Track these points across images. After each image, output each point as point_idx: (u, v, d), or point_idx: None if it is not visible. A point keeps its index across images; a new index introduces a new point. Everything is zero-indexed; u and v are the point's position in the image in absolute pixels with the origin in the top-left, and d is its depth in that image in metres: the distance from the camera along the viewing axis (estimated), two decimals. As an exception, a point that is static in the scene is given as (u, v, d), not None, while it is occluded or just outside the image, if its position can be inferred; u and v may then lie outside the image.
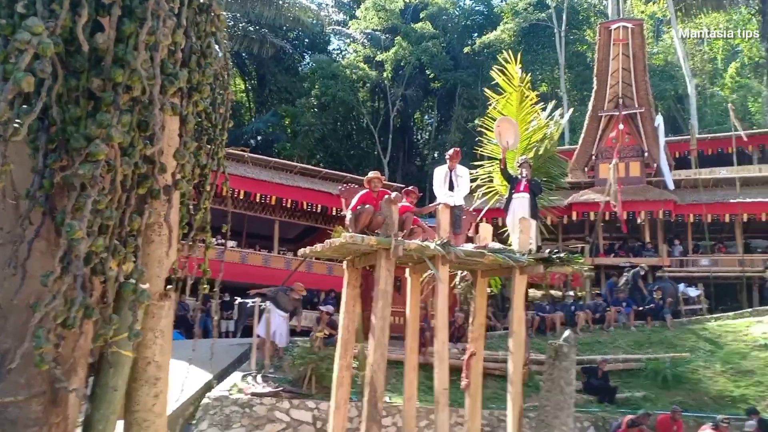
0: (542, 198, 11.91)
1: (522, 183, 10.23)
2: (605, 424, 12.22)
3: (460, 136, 35.93)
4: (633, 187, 22.11)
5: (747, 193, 20.92)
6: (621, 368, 14.36)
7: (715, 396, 13.33)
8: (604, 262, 21.24)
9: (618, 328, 16.62)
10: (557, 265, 9.70)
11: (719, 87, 39.59)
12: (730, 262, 20.63)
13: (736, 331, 15.72)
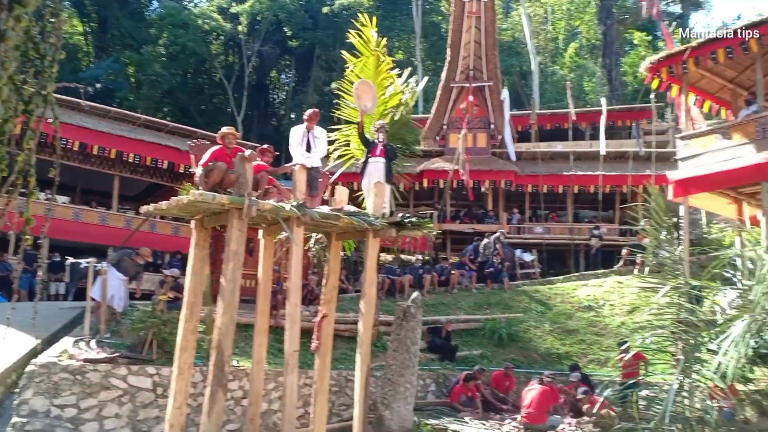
0: (396, 164, 12.02)
1: (378, 147, 10.25)
2: (445, 381, 12.82)
3: (318, 98, 35.54)
4: (479, 157, 23.18)
5: (579, 166, 22.71)
6: (462, 328, 15.14)
7: (543, 353, 14.49)
8: (451, 228, 22.17)
9: (461, 290, 17.51)
10: (409, 229, 9.89)
11: (559, 66, 42.36)
12: (561, 230, 22.42)
13: (564, 293, 17.14)
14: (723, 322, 9.59)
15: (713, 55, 12.29)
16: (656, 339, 10.61)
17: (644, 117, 26.94)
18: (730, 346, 8.84)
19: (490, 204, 23.25)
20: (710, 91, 14.74)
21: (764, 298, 9.12)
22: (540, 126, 27.28)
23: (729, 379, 8.89)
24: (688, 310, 10.20)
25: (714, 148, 12.56)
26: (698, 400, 9.38)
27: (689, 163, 13.01)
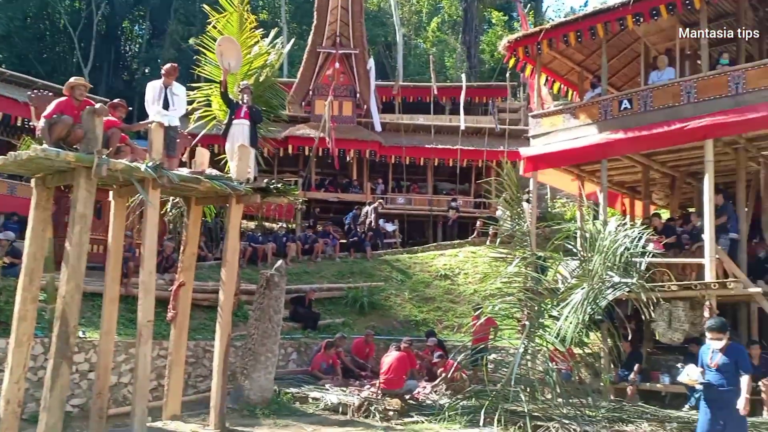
0: (261, 128, 11.66)
1: (243, 109, 9.91)
2: (307, 350, 12.84)
3: (175, 53, 33.52)
4: (345, 125, 23.11)
5: (439, 140, 23.40)
6: (325, 296, 15.20)
7: (402, 320, 14.96)
8: (315, 196, 22.03)
9: (325, 259, 17.53)
10: (274, 196, 9.68)
11: (422, 39, 43.13)
12: (421, 202, 23.02)
13: (423, 262, 17.71)
14: (564, 291, 10.39)
15: (565, 38, 12.94)
16: (505, 306, 11.33)
17: (500, 95, 28.22)
18: (570, 312, 9.60)
19: (354, 174, 23.35)
20: (560, 73, 15.59)
21: (602, 268, 9.96)
22: (403, 98, 27.72)
23: (568, 343, 9.70)
24: (534, 279, 10.99)
25: (561, 127, 13.30)
26: (540, 363, 10.15)
27: (539, 140, 13.70)
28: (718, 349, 6.23)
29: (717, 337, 6.23)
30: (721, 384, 6.17)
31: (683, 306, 10.42)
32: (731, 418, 6.11)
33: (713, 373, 6.23)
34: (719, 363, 6.19)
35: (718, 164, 11.52)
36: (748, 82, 10.77)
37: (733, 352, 6.24)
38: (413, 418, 9.54)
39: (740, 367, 6.14)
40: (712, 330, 6.27)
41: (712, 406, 6.24)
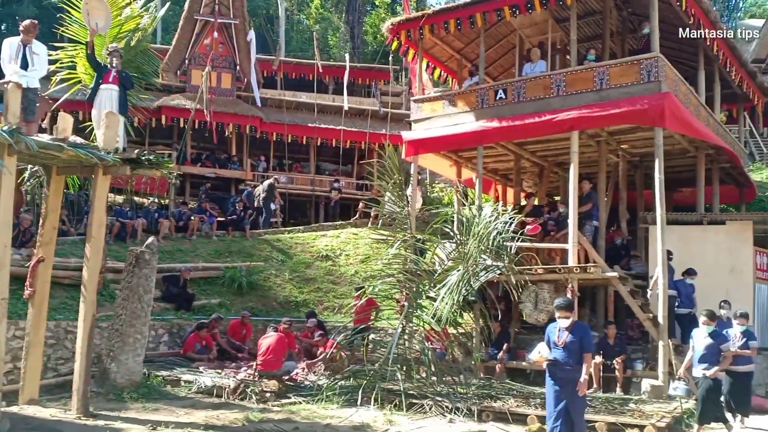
0: (131, 95, 10.98)
1: (111, 74, 9.32)
2: (180, 331, 12.36)
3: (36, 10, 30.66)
4: (224, 98, 22.31)
5: (322, 119, 23.18)
6: (200, 276, 14.65)
7: (282, 301, 14.75)
8: (191, 171, 21.12)
9: (200, 237, 16.86)
10: (146, 168, 9.13)
11: (305, 15, 42.40)
12: (304, 181, 22.75)
13: (304, 243, 17.52)
14: (441, 272, 10.73)
15: (446, 25, 13.16)
16: (385, 287, 11.53)
17: (382, 77, 28.41)
18: (446, 293, 9.94)
19: (233, 149, 22.61)
20: (441, 59, 15.93)
21: (476, 252, 10.37)
22: (285, 74, 27.19)
23: (443, 323, 10.04)
24: (413, 261, 11.26)
25: (441, 113, 13.60)
26: (417, 342, 10.45)
27: (421, 125, 13.93)
28: (565, 327, 6.42)
29: (565, 315, 6.42)
30: (566, 362, 6.35)
31: (548, 288, 11.08)
32: (575, 395, 6.31)
33: (559, 351, 6.42)
34: (566, 341, 6.37)
35: (582, 155, 12.23)
36: (611, 78, 11.41)
37: (578, 330, 6.45)
38: (291, 399, 9.48)
39: (583, 345, 6.36)
40: (561, 308, 6.46)
41: (558, 382, 6.41)
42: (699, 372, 8.01)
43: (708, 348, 7.94)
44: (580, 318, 11.53)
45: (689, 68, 14.05)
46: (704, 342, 7.98)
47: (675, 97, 11.17)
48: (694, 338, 8.21)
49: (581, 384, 6.24)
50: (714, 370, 7.82)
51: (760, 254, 12.01)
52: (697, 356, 8.02)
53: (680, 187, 14.91)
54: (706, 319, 8.05)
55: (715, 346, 7.94)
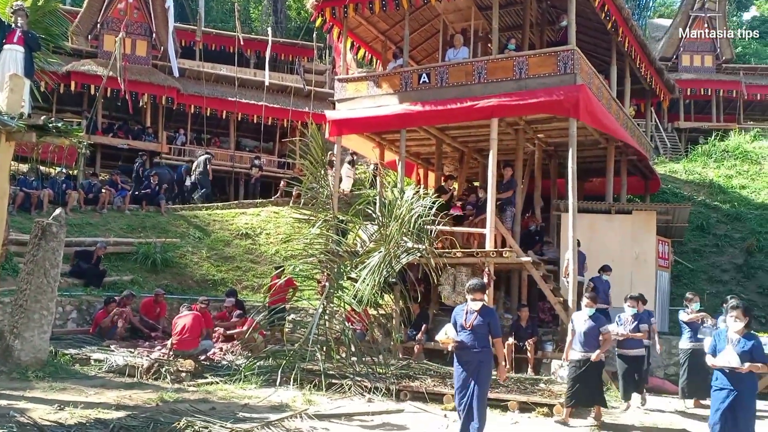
0: (38, 57, 10.34)
1: (16, 34, 8.86)
2: (90, 308, 11.90)
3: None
4: (138, 66, 21.40)
5: (243, 94, 22.61)
6: (112, 251, 14.10)
7: (199, 279, 14.42)
8: (102, 141, 20.15)
9: (112, 211, 16.17)
10: (53, 136, 8.64)
11: (227, -14, 41.05)
12: (223, 157, 22.15)
13: (223, 220, 17.15)
14: (363, 254, 10.82)
15: (370, 4, 13.03)
16: (306, 267, 11.50)
17: (306, 54, 28.01)
18: (368, 275, 10.04)
19: (148, 120, 21.71)
20: (366, 40, 15.87)
21: (398, 234, 10.51)
22: (205, 45, 26.26)
23: (364, 304, 10.15)
24: (335, 242, 11.28)
25: (365, 94, 13.54)
26: (338, 323, 10.53)
27: (344, 105, 13.82)
28: (475, 309, 6.30)
29: (479, 298, 6.30)
30: (473, 344, 6.25)
31: (466, 271, 11.39)
32: (479, 377, 6.23)
33: (466, 334, 6.28)
34: (474, 324, 6.25)
35: (500, 143, 12.55)
36: (530, 68, 11.71)
37: (487, 314, 6.34)
38: (208, 379, 9.33)
39: (492, 330, 6.30)
40: (475, 290, 6.32)
41: (464, 365, 6.32)
42: (578, 355, 7.82)
43: (588, 331, 7.79)
44: (496, 301, 11.97)
45: (603, 63, 14.68)
46: (585, 325, 7.84)
47: (589, 89, 11.64)
48: (574, 321, 8.06)
49: (501, 370, 6.28)
50: (597, 354, 7.67)
51: (662, 243, 12.82)
52: (578, 339, 7.88)
53: (591, 177, 15.64)
54: (589, 301, 7.95)
55: (596, 328, 7.79)
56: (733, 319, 5.95)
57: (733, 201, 17.32)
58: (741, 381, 5.83)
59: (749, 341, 5.86)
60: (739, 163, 19.48)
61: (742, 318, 5.91)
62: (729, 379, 5.86)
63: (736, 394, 5.82)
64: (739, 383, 5.83)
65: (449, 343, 6.36)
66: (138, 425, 6.45)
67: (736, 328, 5.93)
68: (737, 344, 5.86)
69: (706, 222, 16.28)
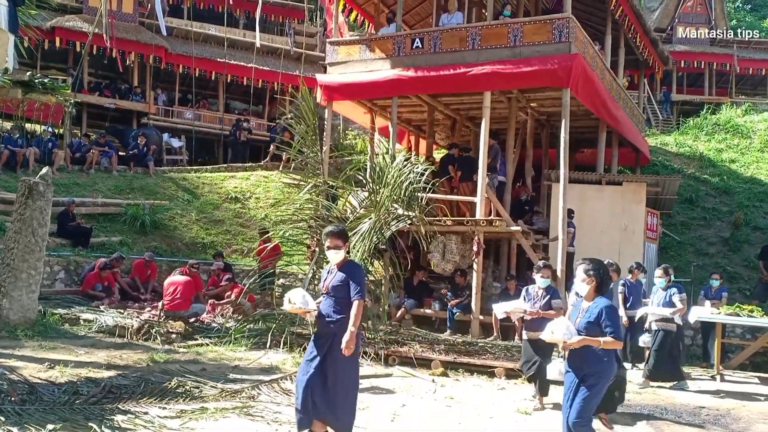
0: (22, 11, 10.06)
1: None
2: (78, 268, 11.85)
3: None
4: (125, 24, 20.92)
5: (232, 55, 22.24)
6: (100, 212, 13.99)
7: (188, 242, 14.37)
8: (89, 100, 19.81)
9: (99, 171, 15.99)
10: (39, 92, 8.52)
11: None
12: (211, 119, 21.87)
13: (212, 183, 17.02)
14: (353, 220, 10.78)
15: (360, -36, 12.85)
16: (295, 232, 11.45)
17: (296, 16, 27.47)
18: (358, 241, 10.03)
19: (135, 80, 21.34)
20: (358, 2, 15.55)
21: (388, 200, 10.47)
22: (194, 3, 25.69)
23: (354, 270, 10.15)
24: (325, 207, 11.22)
25: (357, 58, 13.34)
26: (327, 288, 10.52)
27: (336, 69, 13.61)
28: (335, 263, 4.91)
29: (335, 245, 4.84)
30: (327, 313, 4.82)
31: (456, 240, 11.45)
32: (336, 361, 4.71)
33: (326, 300, 4.88)
34: (331, 285, 4.84)
35: (493, 111, 12.48)
36: (524, 36, 11.57)
37: (347, 269, 4.86)
38: (198, 341, 9.39)
39: (352, 288, 4.75)
40: (332, 235, 4.86)
41: (316, 341, 4.86)
42: None
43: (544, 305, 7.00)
44: (485, 269, 12.01)
45: (597, 32, 14.56)
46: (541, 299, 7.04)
47: (583, 59, 11.58)
48: (528, 292, 7.24)
49: (349, 338, 4.61)
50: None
51: (651, 215, 12.93)
52: None
53: (582, 148, 15.65)
54: (545, 270, 7.16)
55: (548, 302, 7.02)
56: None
57: (722, 174, 17.44)
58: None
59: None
60: (730, 137, 19.55)
61: (589, 279, 4.68)
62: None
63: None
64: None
65: (300, 312, 4.95)
66: (129, 384, 6.49)
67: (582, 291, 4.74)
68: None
69: (695, 195, 16.41)
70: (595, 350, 4.51)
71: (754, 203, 15.80)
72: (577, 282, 4.81)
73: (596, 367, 4.54)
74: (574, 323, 4.61)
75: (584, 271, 4.66)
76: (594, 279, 4.62)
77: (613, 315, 4.51)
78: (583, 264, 4.73)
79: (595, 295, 4.63)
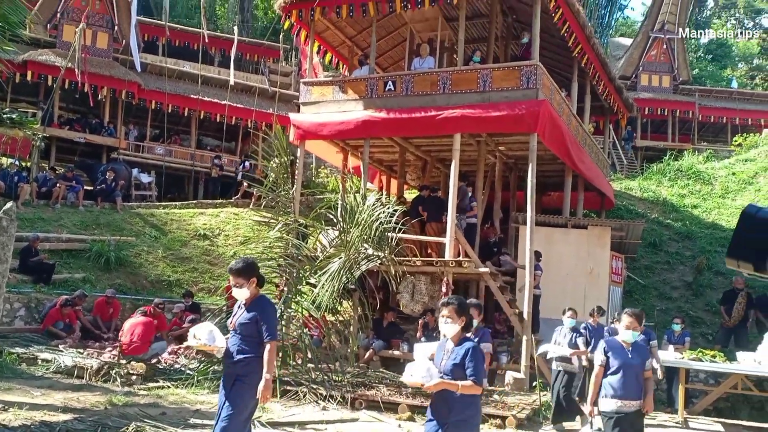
0: (-6, 43, 10.04)
1: None
2: (39, 305, 11.57)
3: None
4: (99, 59, 20.94)
5: (206, 92, 22.31)
6: (64, 248, 13.73)
7: (153, 280, 14.13)
8: (58, 134, 19.62)
9: (65, 206, 15.74)
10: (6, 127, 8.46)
11: (194, -18, 40.45)
12: (183, 154, 21.80)
13: (181, 220, 16.84)
14: (323, 259, 10.77)
15: (338, 9, 12.95)
16: (265, 271, 11.35)
17: (272, 55, 27.86)
18: (327, 280, 10.01)
19: (107, 114, 21.23)
20: (333, 44, 15.81)
21: (359, 240, 10.50)
22: (169, 40, 25.92)
23: (322, 310, 10.11)
24: (295, 246, 11.19)
25: (331, 98, 13.45)
26: (295, 329, 10.44)
27: (309, 108, 13.69)
28: (243, 301, 4.65)
29: (238, 284, 4.57)
30: (232, 352, 4.56)
31: (425, 280, 11.46)
32: (231, 397, 4.50)
33: (232, 337, 4.62)
34: (237, 322, 4.61)
35: (462, 154, 12.61)
36: (493, 81, 11.81)
37: (256, 306, 4.59)
38: (159, 383, 9.17)
39: (260, 327, 4.49)
40: (233, 273, 4.59)
41: (223, 380, 4.66)
42: None
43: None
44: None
45: (564, 78, 14.98)
46: None
47: (550, 104, 11.86)
48: None
49: (265, 386, 4.41)
50: None
51: (616, 259, 13.13)
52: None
53: (549, 191, 15.91)
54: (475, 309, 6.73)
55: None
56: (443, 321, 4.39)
57: (685, 219, 17.84)
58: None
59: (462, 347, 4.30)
60: (692, 182, 20.08)
61: (455, 318, 4.34)
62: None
63: None
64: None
65: (207, 350, 4.70)
66: (85, 429, 6.31)
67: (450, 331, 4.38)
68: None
69: (658, 239, 16.73)
70: (464, 395, 4.19)
71: (716, 248, 16.15)
72: (442, 322, 4.40)
73: (462, 414, 4.21)
74: (440, 366, 4.31)
75: (453, 310, 4.31)
76: (464, 318, 4.31)
77: (477, 357, 4.23)
78: (451, 304, 4.35)
79: (462, 335, 4.34)
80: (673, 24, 28.34)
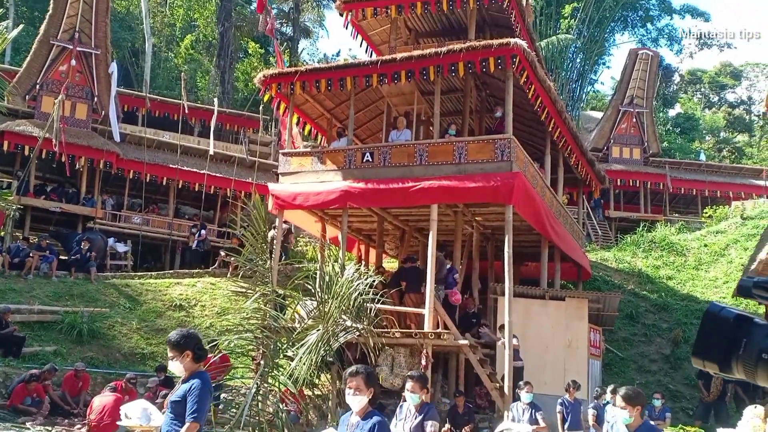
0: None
1: None
2: (6, 380, 11.18)
3: None
4: (77, 129, 21.00)
5: (185, 161, 22.41)
6: (36, 320, 13.40)
7: (127, 352, 13.77)
8: (33, 203, 19.44)
9: (38, 277, 15.45)
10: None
11: (174, 54, 41.33)
12: (160, 224, 21.64)
13: (157, 290, 16.58)
14: (301, 331, 10.60)
15: (317, 84, 13.37)
16: (241, 342, 11.13)
17: (251, 126, 28.20)
18: (305, 353, 9.82)
19: (84, 184, 21.13)
20: (312, 116, 16.12)
21: (337, 311, 10.38)
22: (149, 111, 26.18)
23: (300, 384, 9.87)
24: (273, 317, 11.00)
25: (310, 169, 13.64)
26: (271, 404, 10.14)
27: (288, 178, 13.85)
28: (182, 379, 4.50)
29: (172, 356, 4.46)
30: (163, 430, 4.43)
31: (404, 353, 11.34)
32: None
33: (166, 416, 4.46)
34: (170, 399, 4.48)
35: (440, 224, 12.75)
36: (469, 153, 12.13)
37: (190, 383, 4.36)
38: (130, 461, 8.80)
39: (187, 409, 4.25)
40: (169, 345, 4.48)
41: None
42: None
43: None
44: (433, 384, 11.84)
45: (538, 151, 15.37)
46: None
47: (524, 176, 12.12)
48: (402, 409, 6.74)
49: None
50: None
51: (594, 331, 13.14)
52: None
53: (527, 261, 16.04)
54: (415, 383, 6.24)
55: (421, 423, 6.43)
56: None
57: (660, 291, 18.03)
58: None
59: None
60: (666, 254, 20.39)
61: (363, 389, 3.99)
62: None
63: None
64: None
65: (139, 429, 4.52)
66: None
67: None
68: None
69: (635, 311, 16.83)
70: None
71: (692, 320, 16.27)
72: (349, 394, 4.05)
73: None
74: None
75: (362, 379, 3.94)
76: (372, 389, 3.97)
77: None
78: (360, 373, 4.00)
79: (368, 408, 3.99)
80: (642, 99, 29.40)
